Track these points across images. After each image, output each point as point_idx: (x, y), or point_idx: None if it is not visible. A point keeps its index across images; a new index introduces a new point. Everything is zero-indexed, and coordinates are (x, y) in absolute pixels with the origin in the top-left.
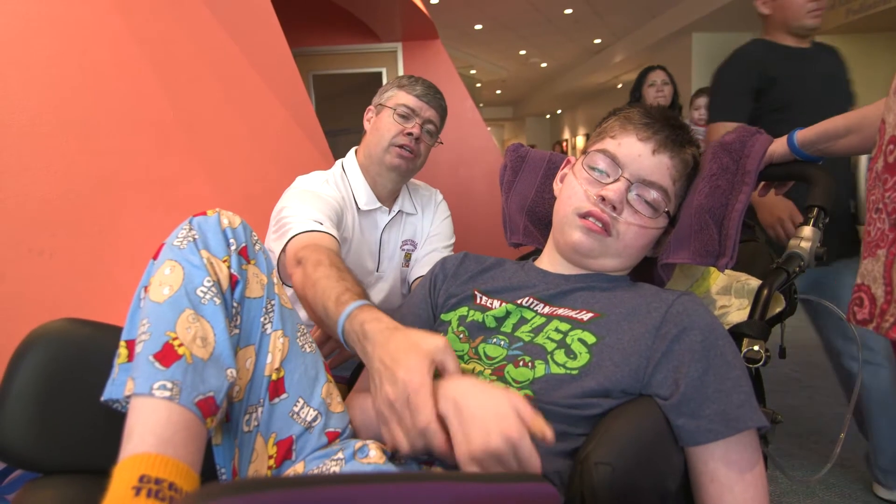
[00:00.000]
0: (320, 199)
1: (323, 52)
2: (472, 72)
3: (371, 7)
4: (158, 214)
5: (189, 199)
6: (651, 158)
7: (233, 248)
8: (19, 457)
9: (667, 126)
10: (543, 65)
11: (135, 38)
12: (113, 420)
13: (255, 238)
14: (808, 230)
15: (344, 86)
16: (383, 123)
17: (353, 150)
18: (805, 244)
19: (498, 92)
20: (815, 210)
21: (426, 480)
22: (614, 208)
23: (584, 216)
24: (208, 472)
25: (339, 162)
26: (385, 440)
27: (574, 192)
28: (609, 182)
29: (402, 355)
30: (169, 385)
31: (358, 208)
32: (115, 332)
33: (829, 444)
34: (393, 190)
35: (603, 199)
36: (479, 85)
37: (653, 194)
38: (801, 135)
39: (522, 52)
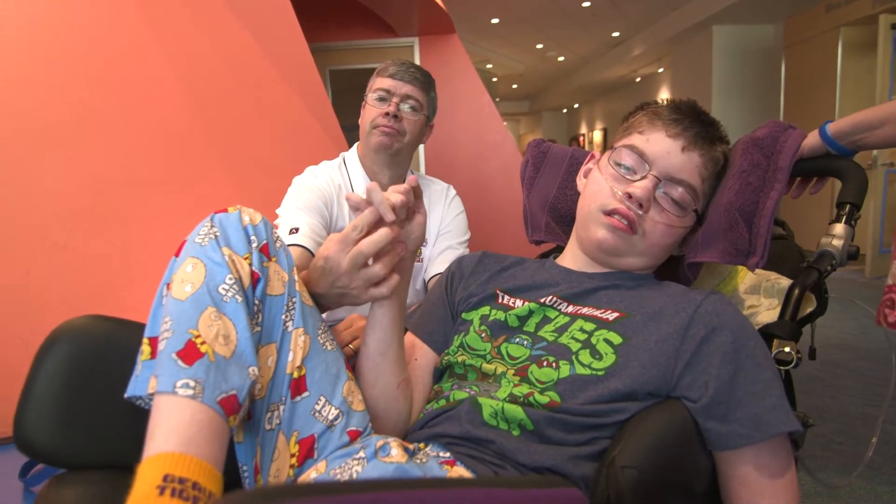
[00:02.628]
0: (304, 196)
1: (340, 47)
2: (489, 66)
3: (388, 1)
4: (178, 211)
5: (208, 195)
6: (680, 156)
7: (254, 245)
8: (44, 452)
9: (697, 122)
10: (560, 58)
11: (154, 37)
12: (136, 416)
13: (276, 235)
14: (839, 227)
15: (361, 81)
16: (366, 111)
17: (356, 144)
18: (837, 242)
19: (514, 86)
20: (847, 207)
21: (454, 486)
22: (641, 206)
23: (610, 213)
24: (230, 470)
25: (342, 154)
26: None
27: (600, 188)
28: (636, 179)
29: (317, 263)
30: (192, 383)
31: None
32: (138, 328)
33: (854, 446)
34: (393, 177)
35: (630, 196)
36: (495, 79)
37: (681, 192)
38: (835, 126)
39: (539, 46)
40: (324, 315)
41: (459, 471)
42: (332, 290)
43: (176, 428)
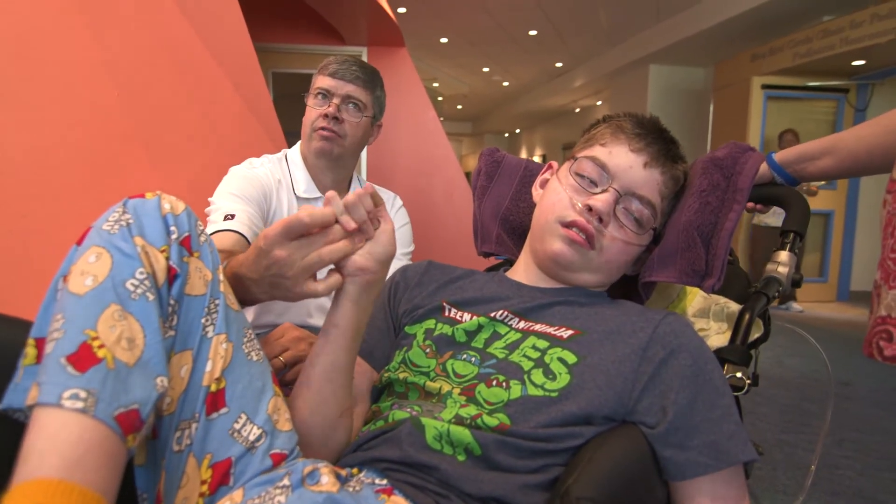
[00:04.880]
0: (242, 185)
1: (285, 49)
2: (435, 84)
3: (337, 8)
4: (92, 199)
5: (129, 184)
6: (642, 171)
7: (173, 236)
8: None
9: (660, 139)
10: (505, 83)
11: (77, 5)
12: (14, 433)
13: (201, 228)
14: (784, 255)
15: (304, 86)
16: (307, 112)
17: (299, 142)
18: (782, 269)
19: (459, 107)
20: (791, 235)
21: None
22: (601, 220)
23: (568, 226)
24: (126, 499)
25: (284, 150)
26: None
27: (558, 198)
28: (597, 192)
29: (256, 244)
30: (83, 394)
31: (296, 195)
32: (25, 327)
33: (771, 471)
34: (335, 180)
35: (590, 208)
36: (440, 98)
37: (641, 209)
38: (781, 154)
39: (486, 69)
40: (249, 319)
41: (397, 501)
42: (266, 274)
43: (58, 448)
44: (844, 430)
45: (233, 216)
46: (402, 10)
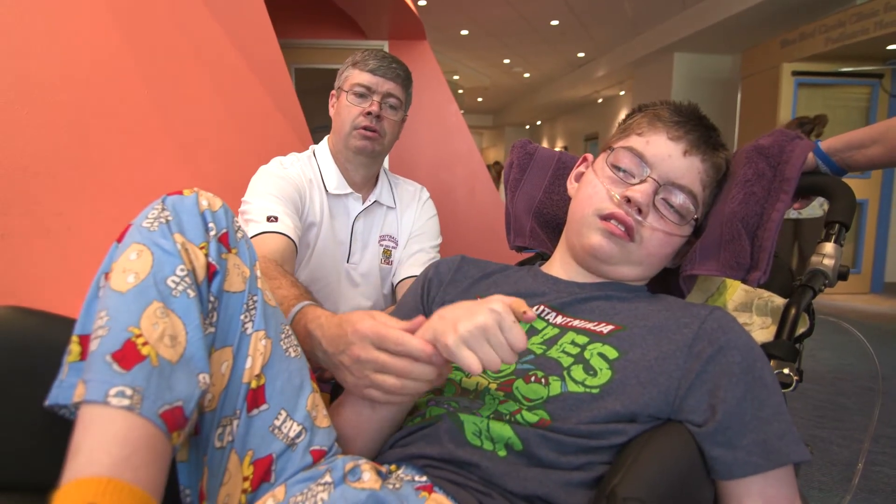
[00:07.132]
0: (279, 185)
1: (307, 45)
2: (456, 77)
3: (359, 1)
4: (125, 196)
5: (160, 181)
6: (682, 160)
7: (212, 233)
8: None
9: (699, 126)
10: (526, 75)
11: (106, 5)
12: (59, 428)
13: (238, 224)
14: (829, 247)
15: (327, 81)
16: (343, 107)
17: (326, 137)
18: (828, 261)
19: (479, 99)
20: (837, 226)
21: None
22: (640, 211)
23: (606, 218)
24: (169, 494)
25: (311, 147)
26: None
27: (595, 191)
28: (634, 183)
29: (345, 325)
30: (129, 392)
31: (327, 192)
32: (68, 324)
33: (805, 468)
34: (366, 176)
35: (628, 200)
36: (461, 91)
37: (681, 199)
38: (827, 143)
39: (506, 61)
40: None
41: (438, 498)
42: (337, 354)
43: (106, 446)
44: (881, 426)
45: (276, 218)
46: (422, 2)
